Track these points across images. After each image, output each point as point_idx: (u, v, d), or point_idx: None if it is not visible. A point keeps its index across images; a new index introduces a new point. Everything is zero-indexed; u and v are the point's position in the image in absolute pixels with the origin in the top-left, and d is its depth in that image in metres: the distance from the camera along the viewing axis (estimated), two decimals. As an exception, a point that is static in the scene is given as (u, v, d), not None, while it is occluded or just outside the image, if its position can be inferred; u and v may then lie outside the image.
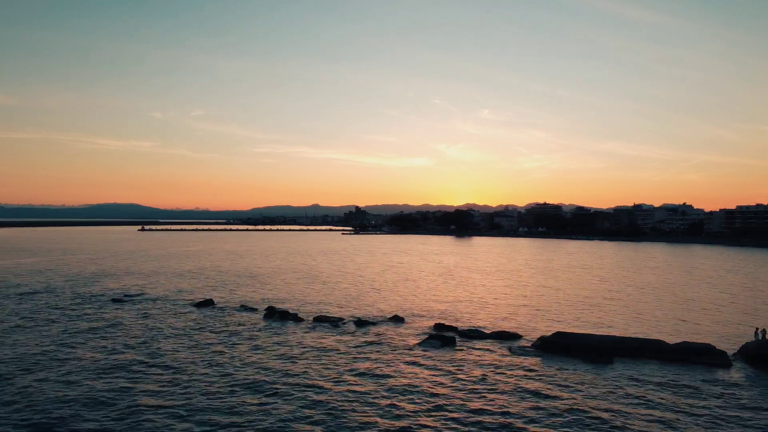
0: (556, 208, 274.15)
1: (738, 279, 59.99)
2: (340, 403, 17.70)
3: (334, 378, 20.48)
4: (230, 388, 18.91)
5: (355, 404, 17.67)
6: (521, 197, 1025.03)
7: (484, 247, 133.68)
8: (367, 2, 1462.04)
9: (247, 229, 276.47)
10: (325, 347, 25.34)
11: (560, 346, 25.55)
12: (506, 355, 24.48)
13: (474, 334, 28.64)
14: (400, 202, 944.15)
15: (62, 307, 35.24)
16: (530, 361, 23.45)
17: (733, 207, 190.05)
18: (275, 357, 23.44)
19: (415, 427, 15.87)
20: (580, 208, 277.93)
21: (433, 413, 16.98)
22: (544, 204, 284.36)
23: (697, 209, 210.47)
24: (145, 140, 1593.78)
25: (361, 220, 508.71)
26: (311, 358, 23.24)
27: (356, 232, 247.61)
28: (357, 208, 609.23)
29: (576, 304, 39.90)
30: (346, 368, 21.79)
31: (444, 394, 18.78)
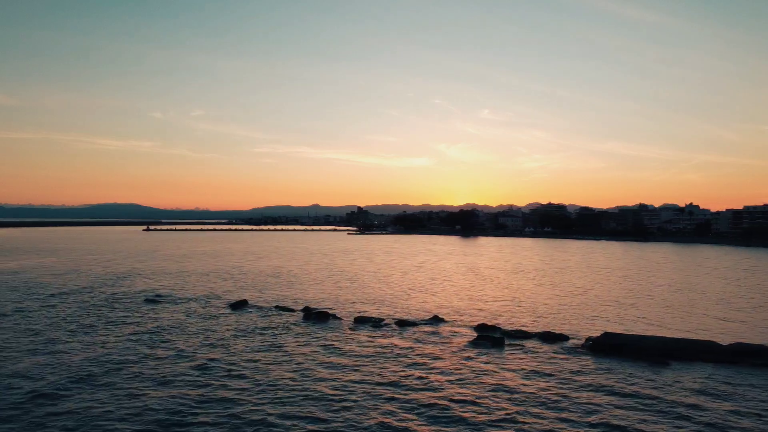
0: (561, 208, 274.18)
1: (760, 279, 59.89)
2: (419, 405, 17.61)
3: (401, 381, 20.34)
4: (302, 396, 18.60)
5: (432, 406, 17.58)
6: (521, 197, 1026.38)
7: (494, 246, 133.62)
8: (367, 2, 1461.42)
9: (251, 229, 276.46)
10: (376, 349, 25.16)
11: (612, 347, 25.43)
12: (560, 356, 24.36)
13: (520, 335, 28.54)
14: (400, 202, 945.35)
15: (97, 308, 35.12)
16: (586, 362, 23.33)
17: (735, 207, 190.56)
18: (331, 360, 23.21)
19: (506, 426, 15.78)
20: (585, 208, 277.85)
21: (509, 415, 16.87)
22: (548, 204, 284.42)
23: (704, 209, 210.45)
24: (145, 140, 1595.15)
25: (363, 220, 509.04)
26: (369, 361, 23.02)
27: (362, 232, 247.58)
28: (359, 208, 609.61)
29: (611, 303, 39.81)
30: (404, 372, 21.53)
31: (513, 395, 18.68)
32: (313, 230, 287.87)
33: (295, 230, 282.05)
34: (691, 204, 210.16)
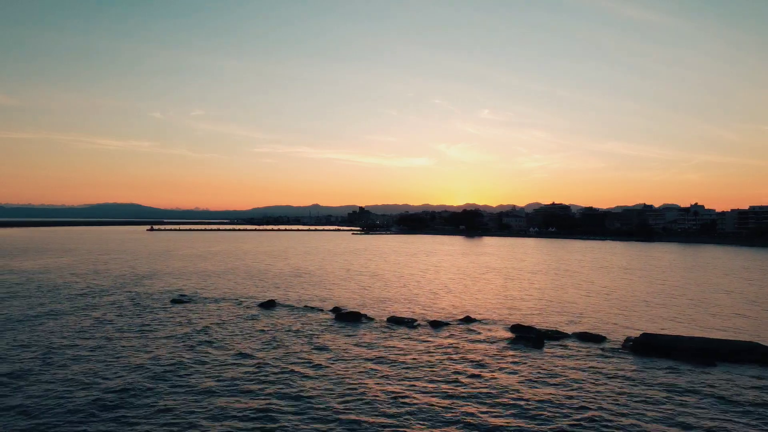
0: (564, 208, 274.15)
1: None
2: (474, 408, 17.57)
3: (447, 383, 20.23)
4: (341, 399, 18.47)
5: (487, 409, 17.55)
6: (521, 197, 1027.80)
7: (501, 246, 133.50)
8: (367, 2, 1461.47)
9: (255, 229, 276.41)
10: (418, 349, 25.11)
11: (654, 348, 25.38)
12: (604, 357, 24.28)
13: (557, 335, 28.49)
14: (400, 202, 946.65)
15: (129, 309, 35.09)
16: (634, 363, 23.27)
17: (735, 207, 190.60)
18: (372, 361, 23.04)
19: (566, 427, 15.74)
20: (588, 209, 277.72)
21: (563, 416, 16.83)
22: (552, 204, 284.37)
23: (709, 209, 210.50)
24: (144, 140, 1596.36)
25: (365, 220, 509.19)
26: (411, 363, 22.75)
27: (366, 232, 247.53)
28: (361, 208, 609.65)
29: (639, 303, 39.75)
30: (450, 374, 21.28)
31: (564, 397, 18.63)
32: (316, 230, 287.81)
33: (299, 230, 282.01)
34: (695, 204, 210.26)
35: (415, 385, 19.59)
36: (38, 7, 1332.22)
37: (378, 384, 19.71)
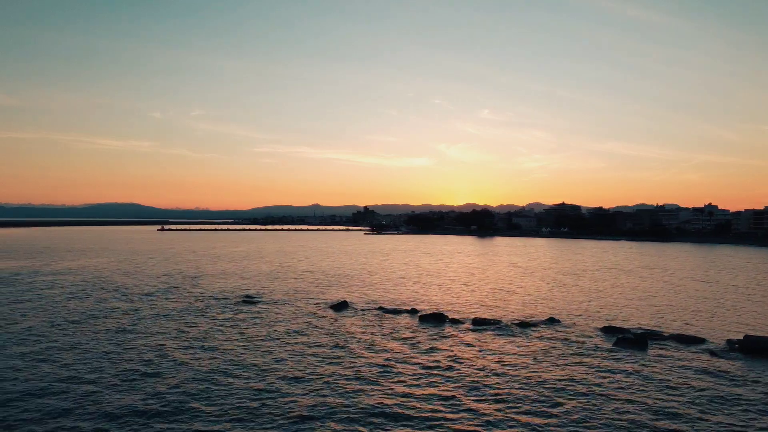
0: (575, 208, 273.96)
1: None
2: (605, 414, 17.38)
3: (567, 388, 19.97)
4: (456, 407, 18.29)
5: (632, 411, 17.35)
6: (521, 197, 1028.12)
7: (521, 246, 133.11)
8: (367, 2, 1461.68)
9: (264, 229, 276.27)
10: (523, 351, 24.84)
11: (761, 350, 25.18)
12: (713, 359, 24.04)
13: (655, 336, 28.29)
14: (400, 202, 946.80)
15: (200, 310, 34.91)
16: (748, 365, 23.06)
17: (737, 207, 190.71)
18: (478, 366, 22.59)
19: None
20: (599, 209, 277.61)
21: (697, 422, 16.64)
22: (563, 204, 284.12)
23: (722, 209, 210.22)
24: (144, 140, 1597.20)
25: (370, 220, 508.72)
26: (521, 366, 22.38)
27: (378, 233, 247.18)
28: (365, 207, 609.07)
29: (712, 304, 39.58)
30: (562, 379, 20.93)
31: (700, 403, 18.43)
32: (325, 230, 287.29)
33: (308, 230, 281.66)
34: (709, 204, 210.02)
35: (537, 389, 19.38)
36: (38, 7, 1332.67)
37: (502, 386, 19.51)
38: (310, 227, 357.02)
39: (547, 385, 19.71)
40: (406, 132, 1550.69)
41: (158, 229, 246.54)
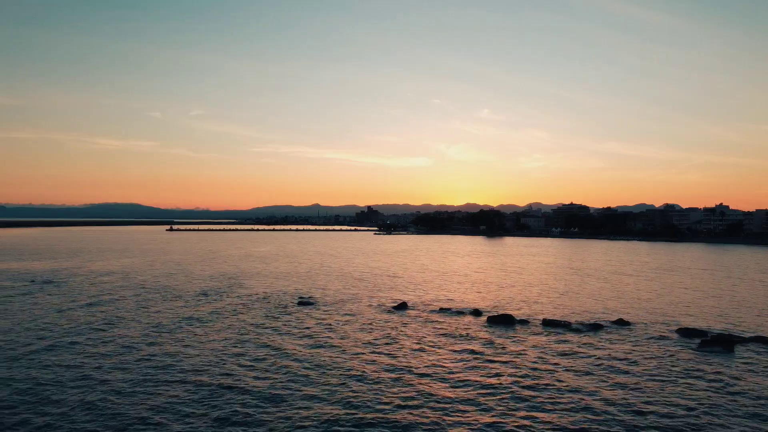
0: (584, 209, 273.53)
1: None
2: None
3: (674, 397, 19.58)
4: (568, 412, 18.03)
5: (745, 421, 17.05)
6: (521, 197, 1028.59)
7: (536, 247, 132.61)
8: (367, 3, 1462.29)
9: (273, 229, 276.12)
10: (605, 356, 24.19)
11: None
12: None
13: (736, 339, 27.96)
14: (400, 201, 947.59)
15: (258, 312, 34.66)
16: None
17: (739, 207, 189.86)
18: (575, 370, 22.20)
19: None
20: (607, 209, 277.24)
21: None
22: (571, 204, 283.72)
23: (734, 210, 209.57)
24: (144, 140, 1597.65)
25: (374, 220, 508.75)
26: (617, 371, 21.92)
27: (388, 233, 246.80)
28: (369, 207, 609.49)
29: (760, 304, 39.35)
30: (666, 382, 20.63)
31: None
32: (333, 230, 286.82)
33: (316, 230, 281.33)
34: (721, 204, 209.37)
35: (652, 393, 19.08)
36: (38, 7, 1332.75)
37: (610, 392, 19.21)
38: (317, 227, 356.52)
39: (652, 392, 19.34)
40: (406, 132, 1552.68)
41: (167, 230, 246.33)
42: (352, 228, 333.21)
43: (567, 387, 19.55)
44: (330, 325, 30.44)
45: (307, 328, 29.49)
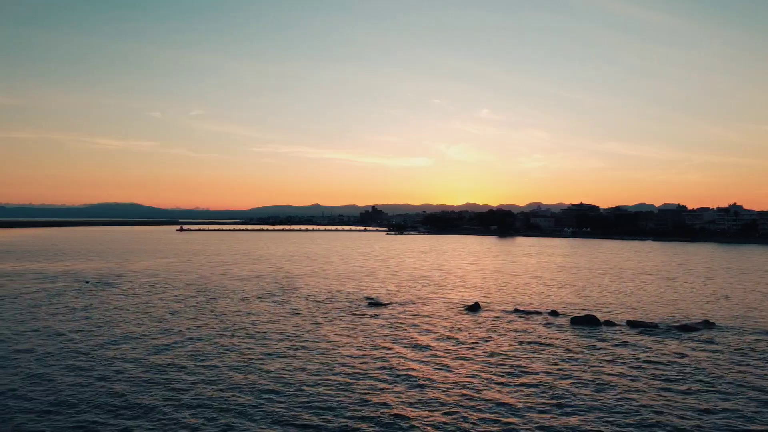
0: (594, 209, 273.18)
1: None
2: None
3: None
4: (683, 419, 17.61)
5: None
6: (521, 197, 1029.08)
7: (553, 247, 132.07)
8: (367, 3, 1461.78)
9: (282, 229, 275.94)
10: (707, 358, 23.79)
11: None
12: None
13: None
14: (400, 201, 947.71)
15: (329, 313, 34.30)
16: None
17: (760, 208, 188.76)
18: (677, 373, 21.68)
19: None
20: (617, 208, 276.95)
21: None
22: (581, 204, 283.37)
23: (748, 209, 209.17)
24: (144, 140, 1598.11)
25: (378, 220, 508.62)
26: (732, 373, 21.72)
27: (399, 233, 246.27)
28: (373, 207, 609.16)
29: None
30: None
31: None
32: (342, 230, 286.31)
33: (326, 230, 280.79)
34: (734, 204, 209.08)
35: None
36: (38, 7, 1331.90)
37: (726, 398, 18.83)
38: (323, 227, 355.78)
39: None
40: (406, 132, 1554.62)
41: (177, 230, 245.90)
42: (361, 228, 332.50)
43: (700, 389, 19.17)
44: (414, 326, 30.04)
45: (392, 329, 29.09)
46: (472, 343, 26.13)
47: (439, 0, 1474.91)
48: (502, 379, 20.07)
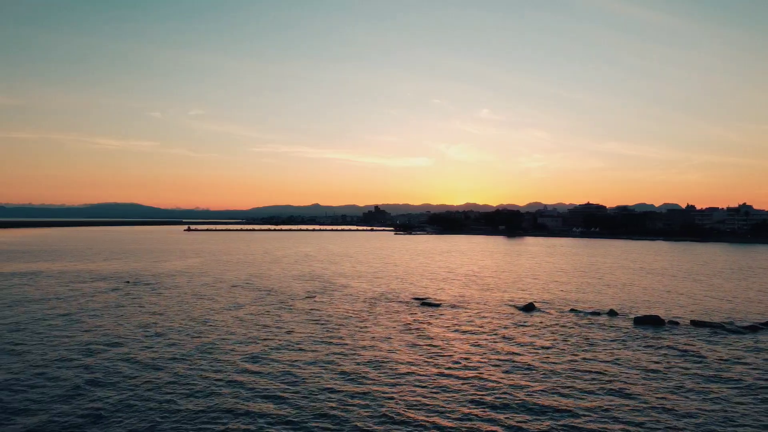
0: (601, 208, 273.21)
1: None
2: None
3: None
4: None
5: None
6: (521, 197, 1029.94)
7: (567, 247, 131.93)
8: (367, 3, 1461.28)
9: (290, 229, 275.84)
10: None
11: None
12: None
13: None
14: (400, 201, 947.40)
15: (381, 313, 34.26)
16: None
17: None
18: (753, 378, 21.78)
19: None
20: (624, 208, 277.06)
21: None
22: (588, 204, 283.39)
23: (758, 210, 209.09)
24: (144, 140, 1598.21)
25: (381, 220, 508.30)
26: None
27: (408, 233, 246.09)
28: (376, 207, 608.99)
29: None
30: None
31: None
32: (350, 230, 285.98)
33: (333, 230, 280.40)
34: (744, 204, 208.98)
35: None
36: (38, 7, 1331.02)
37: None
38: (328, 227, 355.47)
39: None
40: (406, 132, 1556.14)
41: (185, 230, 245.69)
42: (368, 228, 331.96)
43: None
44: (477, 328, 29.95)
45: (456, 331, 28.99)
46: (549, 346, 25.95)
47: (439, 0, 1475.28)
48: (589, 385, 19.98)
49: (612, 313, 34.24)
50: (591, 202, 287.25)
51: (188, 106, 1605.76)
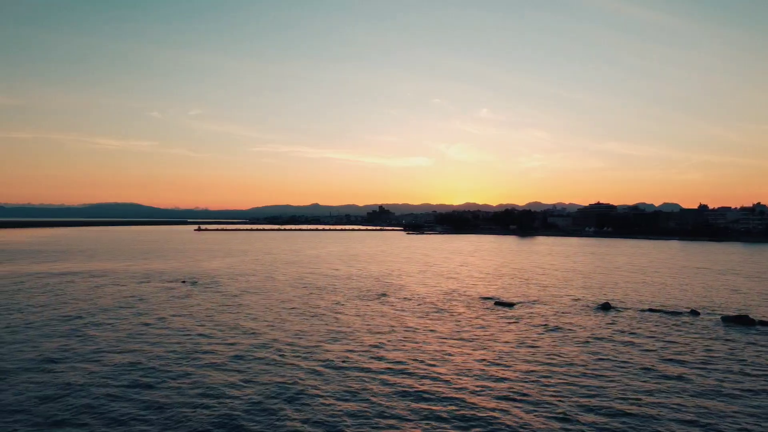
0: (612, 208, 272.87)
1: None
2: None
3: None
4: None
5: None
6: (521, 197, 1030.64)
7: (588, 246, 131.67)
8: (367, 3, 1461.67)
9: (299, 229, 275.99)
10: None
11: None
12: None
13: None
14: (400, 201, 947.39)
15: (462, 313, 33.94)
16: None
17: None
18: None
19: None
20: (634, 208, 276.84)
21: None
22: (598, 203, 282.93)
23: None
24: (144, 140, 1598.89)
25: (386, 220, 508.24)
26: None
27: (420, 233, 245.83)
28: (381, 207, 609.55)
29: None
30: None
31: None
32: (360, 230, 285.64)
33: (343, 230, 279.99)
34: (759, 203, 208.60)
35: None
36: (38, 7, 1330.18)
37: None
38: (344, 227, 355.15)
39: None
40: (406, 132, 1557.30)
41: (195, 230, 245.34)
42: (377, 228, 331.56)
43: None
44: (559, 328, 29.58)
45: (544, 332, 28.61)
46: (653, 348, 25.71)
47: (439, 0, 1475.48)
48: (693, 389, 19.70)
49: (694, 313, 33.92)
50: (591, 201, 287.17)
51: (188, 106, 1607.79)
